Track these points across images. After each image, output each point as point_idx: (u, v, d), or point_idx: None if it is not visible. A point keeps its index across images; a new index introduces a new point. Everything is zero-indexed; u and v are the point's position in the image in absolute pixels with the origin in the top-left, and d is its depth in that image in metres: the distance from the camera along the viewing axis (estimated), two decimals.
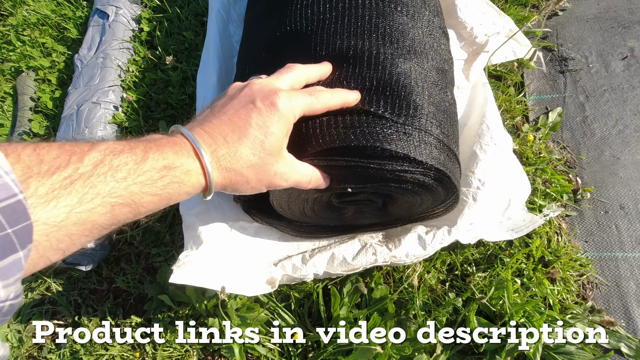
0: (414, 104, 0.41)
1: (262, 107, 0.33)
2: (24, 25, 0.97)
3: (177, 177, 0.30)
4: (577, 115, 0.71)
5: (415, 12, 0.49)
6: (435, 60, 0.47)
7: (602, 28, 0.77)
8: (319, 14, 0.49)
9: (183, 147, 0.31)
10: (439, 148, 0.41)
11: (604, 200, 0.64)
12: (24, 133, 0.83)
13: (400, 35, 0.46)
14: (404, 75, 0.42)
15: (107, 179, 0.25)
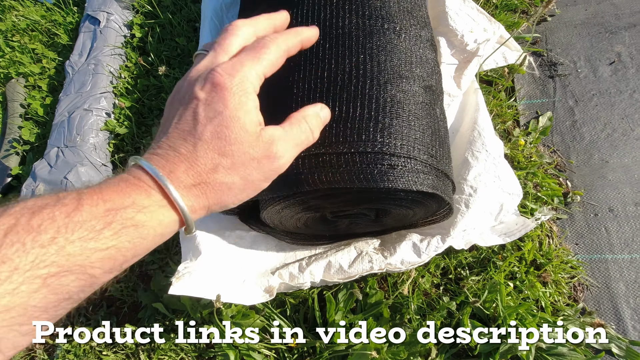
0: (401, 134, 0.41)
1: (205, 96, 0.27)
2: (13, 31, 0.96)
3: (131, 220, 0.23)
4: (566, 119, 0.72)
5: (402, 28, 0.49)
6: (422, 79, 0.47)
7: (589, 33, 0.79)
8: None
9: (130, 183, 0.25)
10: (427, 172, 0.42)
11: (594, 203, 0.65)
12: (14, 140, 0.82)
13: (387, 56, 0.46)
14: (391, 103, 0.43)
15: (27, 247, 0.20)
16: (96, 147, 0.74)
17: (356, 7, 0.48)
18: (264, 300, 0.55)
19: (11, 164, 0.80)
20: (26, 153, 0.83)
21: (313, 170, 0.40)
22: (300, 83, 0.46)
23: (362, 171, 0.40)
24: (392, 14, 0.49)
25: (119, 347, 0.66)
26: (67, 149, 0.72)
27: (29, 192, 0.69)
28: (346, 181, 0.40)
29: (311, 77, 0.46)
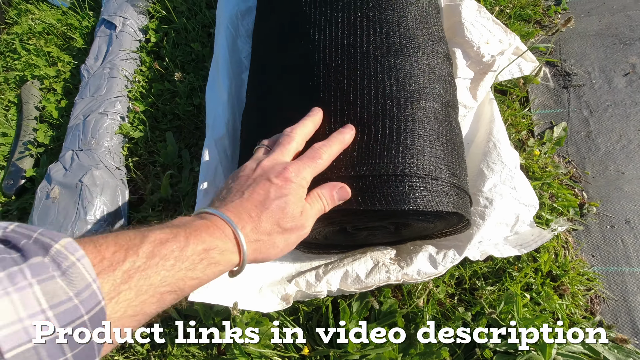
0: (422, 154, 0.42)
1: (278, 182, 0.36)
2: (29, 34, 0.97)
3: (214, 258, 0.31)
4: (581, 130, 0.72)
5: (419, 44, 0.49)
6: (441, 95, 0.47)
7: (604, 44, 0.79)
8: (324, 52, 0.48)
9: (216, 229, 0.32)
10: (449, 192, 0.42)
11: (610, 214, 0.65)
12: (28, 142, 0.83)
13: (406, 73, 0.46)
14: (412, 122, 0.43)
15: (159, 269, 0.26)
16: (110, 151, 0.75)
17: (373, 24, 0.49)
18: (281, 308, 0.55)
19: (25, 166, 0.81)
20: (40, 155, 0.83)
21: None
22: (321, 104, 0.46)
23: (384, 194, 0.40)
24: (410, 30, 0.50)
25: (130, 352, 0.66)
26: (82, 152, 0.73)
27: (44, 195, 0.69)
28: (368, 204, 0.40)
29: (331, 99, 0.46)
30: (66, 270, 0.21)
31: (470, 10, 0.68)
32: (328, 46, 0.48)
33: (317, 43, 0.49)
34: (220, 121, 0.65)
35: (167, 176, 0.71)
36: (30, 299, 0.19)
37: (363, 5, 0.49)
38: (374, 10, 0.49)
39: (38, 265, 0.20)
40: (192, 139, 0.79)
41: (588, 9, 0.83)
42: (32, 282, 0.19)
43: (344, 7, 0.50)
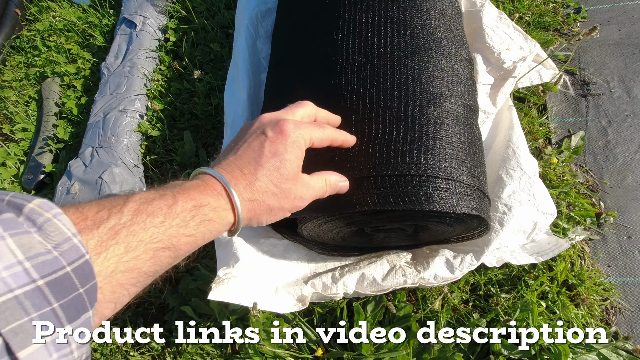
0: (444, 155, 0.42)
1: (273, 136, 0.34)
2: (50, 31, 0.98)
3: (207, 215, 0.30)
4: (599, 139, 0.72)
5: (442, 47, 0.49)
6: (462, 98, 0.48)
7: (623, 54, 0.78)
8: (347, 51, 0.49)
9: (207, 187, 0.31)
10: (471, 194, 0.42)
11: (627, 225, 0.64)
12: (48, 138, 0.84)
13: (429, 76, 0.46)
14: (434, 124, 0.43)
15: (147, 225, 0.26)
16: (129, 148, 0.76)
17: (397, 27, 0.49)
18: (297, 310, 0.55)
19: (45, 161, 0.82)
20: (59, 151, 0.84)
21: (359, 193, 0.41)
22: (343, 103, 0.46)
23: (407, 194, 0.40)
24: (433, 33, 0.50)
25: (145, 348, 0.66)
26: (101, 149, 0.74)
27: (64, 190, 0.70)
28: (391, 204, 0.40)
29: (352, 97, 0.46)
30: (42, 225, 0.20)
31: (491, 16, 0.68)
32: (352, 45, 0.48)
33: (341, 42, 0.49)
34: (239, 120, 0.66)
35: (184, 175, 0.72)
36: (5, 251, 0.18)
37: (387, 7, 0.50)
38: (399, 12, 0.50)
39: (10, 220, 0.20)
40: (209, 138, 0.80)
41: (608, 18, 0.83)
42: (4, 235, 0.19)
43: (368, 7, 0.50)
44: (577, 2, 0.85)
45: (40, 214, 0.21)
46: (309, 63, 0.53)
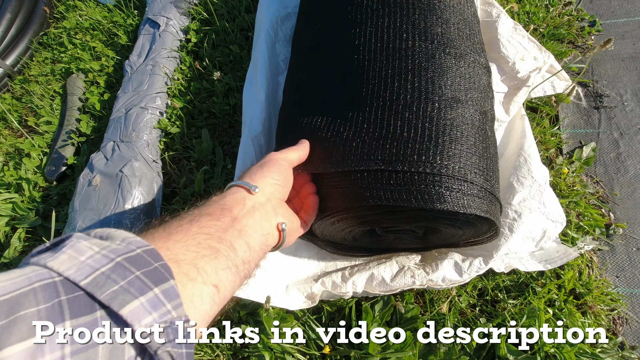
0: (459, 157, 0.43)
1: None
2: (76, 29, 1.02)
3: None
4: (610, 151, 0.72)
5: (461, 54, 0.51)
6: (478, 104, 0.49)
7: (637, 68, 0.79)
8: (369, 53, 0.51)
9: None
10: (482, 196, 0.44)
11: (636, 237, 0.65)
12: (71, 132, 0.87)
13: (448, 80, 0.47)
14: (450, 126, 0.44)
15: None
16: (149, 144, 0.78)
17: (419, 32, 0.51)
18: (306, 307, 0.57)
19: (67, 153, 0.85)
20: (81, 144, 0.87)
21: (372, 187, 0.42)
22: (363, 99, 0.48)
23: (420, 191, 0.41)
24: (453, 40, 0.51)
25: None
26: (122, 144, 0.76)
27: (86, 182, 0.73)
28: (404, 200, 0.41)
29: (374, 94, 0.48)
30: (108, 235, 0.26)
31: (507, 27, 0.70)
32: (374, 49, 0.50)
33: (363, 45, 0.51)
34: (257, 120, 0.68)
35: (201, 172, 0.74)
36: (83, 248, 0.23)
37: (409, 14, 0.52)
38: (420, 19, 0.52)
39: (80, 235, 0.25)
40: (225, 137, 0.82)
41: (622, 32, 0.84)
42: (79, 240, 0.24)
43: (390, 14, 0.52)
44: (592, 16, 0.86)
45: (109, 232, 0.26)
46: (330, 65, 0.55)
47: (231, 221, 0.34)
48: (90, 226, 0.67)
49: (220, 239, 0.32)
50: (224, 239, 0.32)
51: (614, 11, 0.86)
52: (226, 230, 0.33)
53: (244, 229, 0.35)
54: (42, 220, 0.80)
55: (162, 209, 0.77)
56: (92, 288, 0.21)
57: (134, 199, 0.70)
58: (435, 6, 0.52)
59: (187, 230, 0.31)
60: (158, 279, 0.23)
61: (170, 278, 0.24)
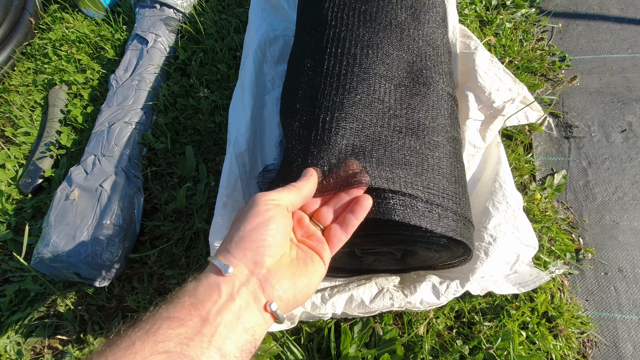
0: (434, 184, 0.46)
1: None
2: (62, 41, 1.01)
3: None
4: (580, 179, 0.76)
5: (432, 83, 0.54)
6: (446, 131, 0.52)
7: (603, 101, 0.84)
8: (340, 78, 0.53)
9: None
10: (456, 220, 0.46)
11: (604, 262, 0.68)
12: (50, 144, 0.85)
13: (416, 111, 0.50)
14: (416, 153, 0.47)
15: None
16: (131, 159, 0.78)
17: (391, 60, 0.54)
18: (285, 328, 0.56)
19: (44, 166, 0.83)
20: (60, 157, 0.86)
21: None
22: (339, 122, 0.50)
23: (399, 205, 0.43)
24: (422, 70, 0.55)
25: None
26: (104, 158, 0.76)
27: (63, 196, 0.71)
28: (383, 214, 0.42)
29: (359, 128, 0.50)
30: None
31: (484, 59, 0.74)
32: (342, 73, 0.53)
33: (332, 71, 0.54)
34: (242, 138, 0.69)
35: (184, 188, 0.74)
36: None
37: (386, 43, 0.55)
38: (392, 49, 0.55)
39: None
40: (210, 154, 0.82)
41: (590, 68, 0.89)
42: None
43: (364, 44, 0.55)
44: (562, 52, 0.92)
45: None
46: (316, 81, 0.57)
47: (200, 323, 0.28)
48: (65, 243, 0.65)
49: (181, 356, 0.26)
50: (186, 355, 0.26)
51: (582, 48, 0.93)
52: (191, 340, 0.27)
53: (217, 331, 0.28)
54: (13, 234, 0.78)
55: (142, 224, 0.76)
56: None
57: (112, 215, 0.69)
58: (409, 35, 0.55)
59: (140, 349, 0.25)
60: None
61: None
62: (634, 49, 0.90)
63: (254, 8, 0.87)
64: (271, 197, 0.35)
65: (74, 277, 0.68)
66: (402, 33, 0.57)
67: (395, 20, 0.57)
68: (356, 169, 0.43)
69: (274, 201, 0.35)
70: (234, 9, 1.00)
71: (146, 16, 0.96)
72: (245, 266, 0.32)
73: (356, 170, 0.42)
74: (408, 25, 0.58)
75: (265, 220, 0.33)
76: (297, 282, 0.33)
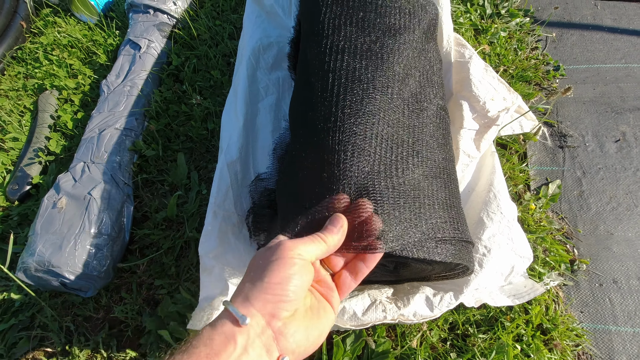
0: (429, 214, 0.45)
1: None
2: (54, 45, 1.00)
3: None
4: (574, 189, 0.76)
5: (425, 99, 0.54)
6: (444, 152, 0.52)
7: (597, 111, 0.84)
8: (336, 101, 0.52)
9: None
10: (454, 244, 0.46)
11: (599, 273, 0.67)
12: (39, 149, 0.84)
13: (415, 137, 0.50)
14: (418, 181, 0.46)
15: None
16: (121, 166, 0.76)
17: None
18: None
19: (32, 172, 0.82)
20: (49, 163, 0.84)
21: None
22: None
23: (401, 240, 0.42)
24: (416, 87, 0.54)
25: None
26: (93, 165, 0.74)
27: (50, 204, 0.70)
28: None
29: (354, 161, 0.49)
30: None
31: (478, 68, 0.74)
32: (337, 92, 0.52)
33: (323, 93, 0.53)
34: (234, 146, 0.68)
35: (175, 196, 0.73)
36: None
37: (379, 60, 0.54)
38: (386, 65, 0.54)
39: None
40: (202, 161, 0.81)
41: (584, 77, 0.90)
42: None
43: (355, 57, 0.54)
44: (556, 61, 0.92)
45: None
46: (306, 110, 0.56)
47: None
48: (52, 252, 0.64)
49: None
50: None
51: (576, 58, 0.93)
52: None
53: None
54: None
55: (132, 233, 0.74)
56: None
57: (101, 223, 0.67)
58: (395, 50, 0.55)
59: None
60: None
61: None
62: (627, 59, 0.91)
63: (249, 14, 0.86)
64: (298, 251, 0.34)
65: (60, 288, 0.67)
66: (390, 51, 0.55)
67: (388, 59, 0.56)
68: (371, 230, 0.40)
69: (300, 256, 0.34)
70: (229, 15, 1.00)
71: (139, 21, 0.95)
72: (262, 317, 0.31)
73: (371, 230, 0.40)
74: (392, 49, 0.56)
75: (290, 276, 0.32)
76: (310, 334, 0.33)
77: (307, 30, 0.62)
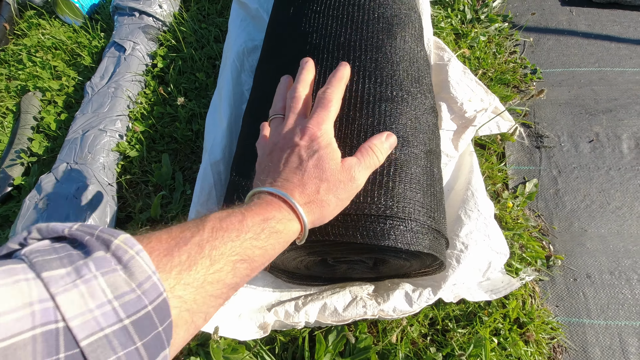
0: (403, 197, 0.45)
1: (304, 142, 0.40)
2: (37, 47, 1.00)
3: (274, 228, 0.33)
4: (550, 187, 0.78)
5: (409, 96, 0.54)
6: (424, 144, 0.52)
7: (572, 113, 0.87)
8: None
9: (268, 203, 0.35)
10: (426, 233, 0.46)
11: (573, 268, 0.70)
12: (21, 151, 0.83)
13: (394, 120, 0.50)
14: (394, 166, 0.47)
15: (225, 239, 0.29)
16: (105, 167, 0.76)
17: (369, 74, 0.54)
18: (258, 337, 0.56)
19: (14, 173, 0.81)
20: (31, 165, 0.84)
21: (334, 229, 0.43)
22: None
23: (366, 229, 0.43)
24: (401, 82, 0.55)
25: None
26: (76, 166, 0.74)
27: (32, 205, 0.69)
28: (350, 236, 0.43)
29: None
30: (127, 263, 0.22)
31: (456, 70, 0.76)
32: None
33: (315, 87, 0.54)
34: (217, 146, 0.68)
35: (158, 197, 0.73)
36: (97, 290, 0.20)
37: (361, 57, 0.55)
38: (371, 62, 0.55)
39: (101, 259, 0.21)
40: (186, 162, 0.81)
41: (559, 80, 0.93)
42: (97, 274, 0.21)
43: (344, 57, 0.55)
44: (534, 64, 0.95)
45: (125, 251, 0.22)
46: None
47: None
48: None
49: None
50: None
51: (552, 61, 0.96)
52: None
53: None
54: None
55: None
56: (90, 352, 0.19)
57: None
58: (386, 49, 0.55)
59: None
60: (156, 349, 0.22)
61: (167, 346, 0.23)
62: (600, 62, 0.94)
63: (234, 18, 0.87)
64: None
65: None
66: (381, 48, 0.57)
67: (377, 44, 0.57)
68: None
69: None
70: (214, 19, 1.01)
71: (125, 24, 0.95)
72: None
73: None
74: (384, 42, 0.58)
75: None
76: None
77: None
